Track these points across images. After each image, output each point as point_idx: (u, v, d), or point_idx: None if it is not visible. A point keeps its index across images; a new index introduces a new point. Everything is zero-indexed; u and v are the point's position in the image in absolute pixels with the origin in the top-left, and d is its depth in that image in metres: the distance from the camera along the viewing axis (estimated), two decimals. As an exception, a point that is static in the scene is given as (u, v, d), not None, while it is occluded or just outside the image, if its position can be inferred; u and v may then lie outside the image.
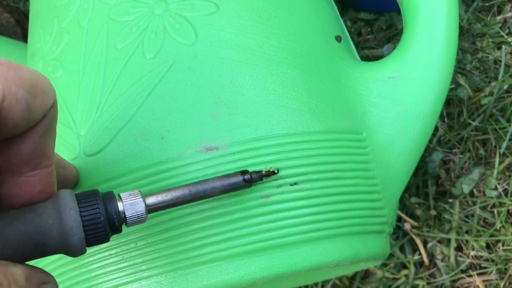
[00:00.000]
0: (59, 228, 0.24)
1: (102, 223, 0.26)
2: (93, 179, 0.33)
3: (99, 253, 0.33)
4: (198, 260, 0.31)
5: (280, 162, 0.32)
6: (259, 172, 0.31)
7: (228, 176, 0.30)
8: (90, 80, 0.35)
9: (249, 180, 0.30)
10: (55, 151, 0.29)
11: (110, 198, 0.27)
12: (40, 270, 0.25)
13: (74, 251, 0.25)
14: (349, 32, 0.57)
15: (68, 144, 0.35)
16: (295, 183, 0.32)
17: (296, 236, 0.31)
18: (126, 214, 0.27)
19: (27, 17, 0.60)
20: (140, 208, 0.27)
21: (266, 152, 0.32)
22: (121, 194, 0.27)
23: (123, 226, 0.28)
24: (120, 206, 0.27)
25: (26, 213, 0.24)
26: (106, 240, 0.26)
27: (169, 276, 0.31)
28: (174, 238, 0.31)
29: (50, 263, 0.34)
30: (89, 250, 0.33)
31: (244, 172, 0.30)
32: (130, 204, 0.27)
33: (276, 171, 0.31)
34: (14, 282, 0.22)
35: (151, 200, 0.28)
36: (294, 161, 0.32)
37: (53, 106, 0.24)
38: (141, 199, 0.27)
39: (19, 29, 0.60)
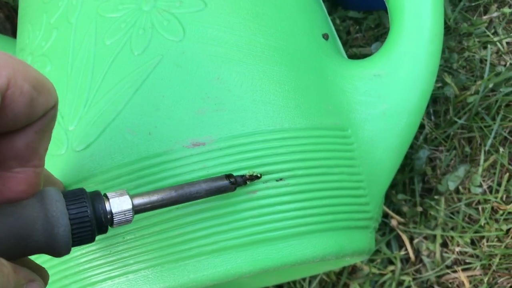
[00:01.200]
0: (44, 220, 0.24)
1: (89, 220, 0.25)
2: (81, 174, 0.33)
3: (87, 247, 0.33)
4: (185, 254, 0.31)
5: (267, 158, 0.32)
6: (243, 176, 0.31)
7: (213, 179, 0.30)
8: (79, 75, 0.35)
9: (234, 183, 0.31)
10: (46, 164, 0.29)
11: (97, 197, 0.27)
12: (27, 269, 0.24)
13: (60, 246, 0.24)
14: (338, 30, 0.58)
15: (56, 139, 0.35)
16: (281, 179, 0.32)
17: (282, 230, 0.32)
18: (114, 213, 0.27)
19: (16, 12, 0.60)
20: (127, 208, 0.27)
21: (253, 148, 0.32)
22: (108, 194, 0.27)
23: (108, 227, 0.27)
24: (107, 205, 0.27)
25: (9, 207, 0.24)
26: (92, 239, 0.26)
27: (156, 270, 0.32)
28: (161, 232, 0.32)
29: (39, 257, 0.34)
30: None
31: (229, 176, 0.31)
32: (117, 204, 0.27)
33: (259, 176, 0.32)
34: (1, 271, 0.21)
35: (137, 200, 0.28)
36: (280, 157, 0.32)
37: (54, 107, 0.24)
38: (128, 199, 0.27)
39: (8, 25, 0.60)
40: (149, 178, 0.32)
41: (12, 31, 0.60)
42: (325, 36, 0.39)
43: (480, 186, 0.53)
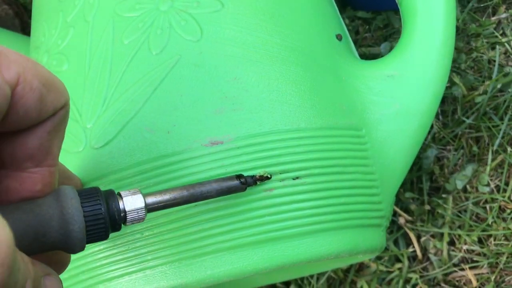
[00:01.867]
0: (60, 217, 0.24)
1: (103, 218, 0.26)
2: (99, 171, 0.34)
3: (105, 243, 0.33)
4: (203, 251, 0.32)
5: (283, 157, 0.33)
6: (253, 176, 0.32)
7: (224, 179, 0.31)
8: (96, 74, 0.36)
9: (245, 183, 0.31)
10: (63, 161, 0.30)
11: (111, 195, 0.27)
12: (43, 263, 0.25)
13: (74, 243, 0.25)
14: (347, 30, 0.58)
15: (74, 137, 0.35)
16: (297, 177, 0.33)
17: (298, 228, 0.32)
18: (127, 211, 0.27)
19: (26, 9, 0.61)
20: (140, 206, 0.28)
21: (270, 147, 0.33)
22: (122, 192, 0.28)
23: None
24: (121, 203, 0.27)
25: (26, 204, 0.24)
26: (106, 237, 0.26)
27: (173, 266, 0.32)
28: (179, 229, 0.32)
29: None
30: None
31: (239, 176, 0.31)
32: (130, 202, 0.27)
33: (269, 176, 0.32)
34: (22, 261, 0.21)
35: (150, 199, 0.29)
36: (296, 156, 0.33)
37: (65, 107, 0.24)
38: (141, 197, 0.28)
39: (17, 21, 0.60)
40: (167, 176, 0.32)
41: (21, 28, 0.60)
42: (339, 37, 0.40)
43: (488, 185, 0.54)
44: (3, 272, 0.18)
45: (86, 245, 0.26)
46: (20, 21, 0.60)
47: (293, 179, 0.33)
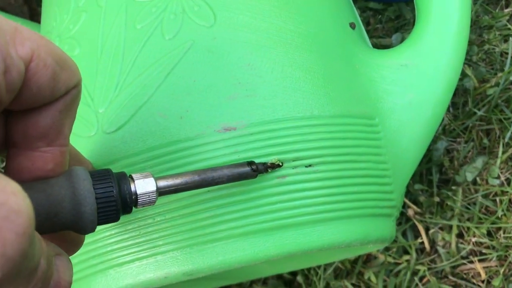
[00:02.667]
0: (72, 198, 0.24)
1: (115, 200, 0.26)
2: (111, 155, 0.34)
3: (116, 227, 0.33)
4: (214, 237, 0.32)
5: (297, 144, 0.33)
6: (265, 163, 0.32)
7: (235, 165, 0.31)
8: (109, 59, 0.36)
9: (256, 170, 0.31)
10: (75, 145, 0.30)
11: (123, 178, 0.27)
12: (53, 244, 0.25)
13: (86, 224, 0.25)
14: (359, 20, 0.58)
15: (86, 121, 0.35)
16: (310, 165, 0.33)
17: (310, 216, 0.32)
18: (138, 194, 0.27)
19: (35, -4, 0.61)
20: (152, 189, 0.28)
21: (283, 134, 0.33)
22: (133, 175, 0.28)
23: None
24: (133, 186, 0.27)
25: (38, 184, 0.24)
26: (117, 218, 0.27)
27: (185, 252, 0.32)
28: (191, 214, 0.32)
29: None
30: (107, 224, 0.34)
31: (251, 163, 0.31)
32: (142, 185, 0.28)
33: (281, 164, 0.32)
34: (37, 238, 0.21)
35: (161, 183, 0.29)
36: (309, 143, 0.33)
37: (77, 87, 0.24)
38: (153, 181, 0.28)
39: (26, 8, 0.60)
40: (180, 161, 0.32)
41: (29, 15, 0.60)
42: (352, 25, 0.39)
43: (498, 177, 0.53)
44: (24, 241, 0.18)
45: (97, 229, 0.26)
46: (29, 8, 0.60)
47: (306, 166, 0.33)
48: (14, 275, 0.19)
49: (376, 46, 0.58)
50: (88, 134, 0.35)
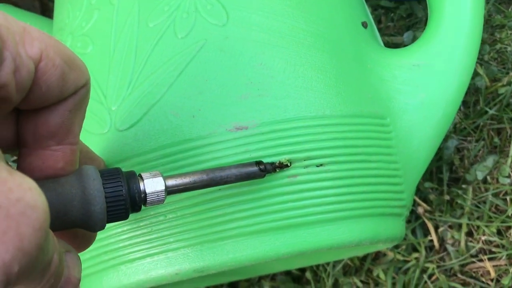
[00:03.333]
0: (82, 197, 0.24)
1: (124, 199, 0.26)
2: (124, 153, 0.34)
3: (128, 224, 0.34)
4: (225, 235, 0.32)
5: (308, 144, 0.33)
6: (273, 163, 0.32)
7: (243, 165, 0.31)
8: (121, 57, 0.36)
9: (264, 170, 0.31)
10: (88, 143, 0.30)
11: (132, 177, 0.28)
12: (62, 240, 0.26)
13: (95, 222, 0.25)
14: (370, 17, 0.58)
15: (99, 119, 0.36)
16: (321, 164, 0.33)
17: (320, 215, 0.33)
18: (147, 193, 0.28)
19: (46, -9, 0.61)
20: (161, 188, 0.28)
21: (295, 134, 0.33)
22: (142, 174, 0.28)
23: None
24: (142, 185, 0.28)
25: (49, 183, 0.24)
26: (126, 217, 0.27)
27: (196, 249, 0.33)
28: (202, 212, 0.32)
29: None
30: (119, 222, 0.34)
31: (259, 163, 0.31)
32: (151, 184, 0.28)
33: (289, 164, 0.32)
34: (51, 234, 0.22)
35: (170, 182, 0.29)
36: (321, 143, 0.33)
37: (85, 86, 0.25)
38: (162, 180, 0.28)
39: (37, 3, 0.61)
40: (191, 160, 0.33)
41: (41, 10, 0.60)
42: (364, 25, 0.39)
43: (509, 176, 0.53)
44: (41, 235, 0.19)
45: (110, 226, 0.26)
46: (40, 3, 0.60)
47: (317, 166, 0.33)
48: (30, 269, 0.19)
49: (388, 44, 0.58)
50: (100, 132, 0.35)
